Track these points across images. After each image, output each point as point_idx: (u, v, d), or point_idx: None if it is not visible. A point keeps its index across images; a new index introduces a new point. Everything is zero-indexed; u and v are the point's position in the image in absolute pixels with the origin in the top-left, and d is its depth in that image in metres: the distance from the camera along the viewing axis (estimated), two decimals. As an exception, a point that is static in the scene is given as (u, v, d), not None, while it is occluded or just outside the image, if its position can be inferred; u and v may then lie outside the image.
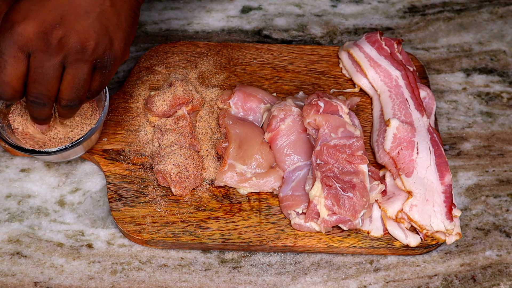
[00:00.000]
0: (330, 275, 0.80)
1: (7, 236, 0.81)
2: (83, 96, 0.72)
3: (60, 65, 0.69)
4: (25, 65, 0.69)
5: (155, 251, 0.81)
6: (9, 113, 0.83)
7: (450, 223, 0.79)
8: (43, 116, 0.73)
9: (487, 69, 1.00)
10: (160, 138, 0.85)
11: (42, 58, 0.68)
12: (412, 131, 0.84)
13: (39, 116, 0.73)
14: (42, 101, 0.71)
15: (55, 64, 0.69)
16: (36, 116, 0.73)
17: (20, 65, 0.69)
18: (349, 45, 0.94)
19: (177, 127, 0.84)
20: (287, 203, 0.80)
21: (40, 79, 0.69)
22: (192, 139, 0.84)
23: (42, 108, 0.72)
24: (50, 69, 0.69)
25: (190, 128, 0.85)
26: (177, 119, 0.85)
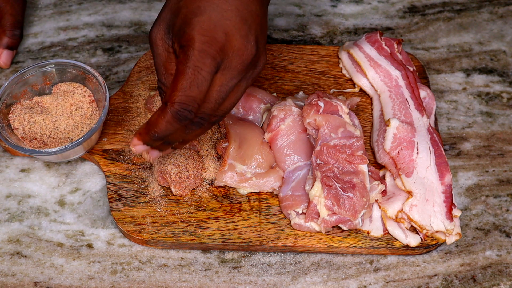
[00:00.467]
0: (330, 275, 0.80)
1: (7, 236, 0.81)
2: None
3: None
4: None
5: (155, 251, 0.81)
6: (9, 113, 0.83)
7: (450, 223, 0.79)
8: (194, 138, 0.69)
9: (487, 69, 1.00)
10: (160, 138, 0.85)
11: (230, 77, 0.65)
12: (412, 131, 0.84)
13: (191, 138, 0.69)
14: (205, 121, 0.66)
15: (235, 84, 0.66)
16: (189, 138, 0.69)
17: (209, 83, 0.65)
18: (349, 45, 0.94)
19: None
20: (287, 203, 0.80)
21: (220, 98, 0.65)
22: None
23: (201, 129, 0.67)
24: (229, 89, 0.66)
25: None
26: None
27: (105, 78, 0.95)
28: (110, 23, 1.02)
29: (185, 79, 0.63)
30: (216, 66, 0.64)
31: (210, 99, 0.65)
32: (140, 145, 0.68)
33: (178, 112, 0.63)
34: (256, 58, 0.67)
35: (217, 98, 0.65)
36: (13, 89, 0.84)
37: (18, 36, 0.94)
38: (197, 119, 0.66)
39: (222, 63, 0.64)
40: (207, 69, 0.63)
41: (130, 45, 0.99)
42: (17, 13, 0.94)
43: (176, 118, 0.64)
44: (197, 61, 0.63)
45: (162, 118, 0.64)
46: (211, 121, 0.68)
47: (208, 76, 0.63)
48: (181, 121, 0.64)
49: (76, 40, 0.99)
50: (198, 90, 0.63)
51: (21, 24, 0.95)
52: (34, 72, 0.85)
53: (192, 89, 0.63)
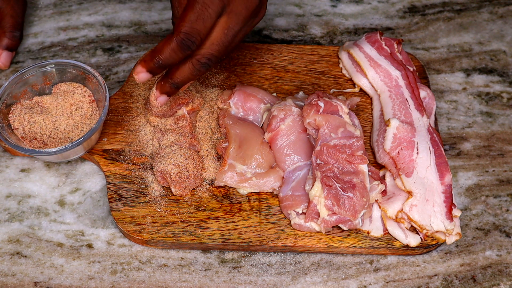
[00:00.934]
0: (330, 275, 0.80)
1: (7, 236, 0.81)
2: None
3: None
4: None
5: (155, 251, 0.81)
6: (9, 113, 0.83)
7: (450, 223, 0.79)
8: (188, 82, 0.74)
9: (487, 69, 1.00)
10: (160, 138, 0.85)
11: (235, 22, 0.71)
12: (412, 131, 0.84)
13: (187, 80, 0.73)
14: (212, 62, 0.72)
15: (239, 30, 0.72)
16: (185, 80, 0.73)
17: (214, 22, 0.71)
18: (349, 45, 0.94)
19: (177, 127, 0.84)
20: (287, 203, 0.80)
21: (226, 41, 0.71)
22: (192, 139, 0.84)
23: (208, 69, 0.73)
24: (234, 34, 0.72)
25: (190, 128, 0.85)
26: (177, 119, 0.85)
27: (105, 78, 0.95)
28: (110, 23, 1.02)
29: (193, 13, 0.69)
30: (222, 7, 0.69)
31: (218, 41, 0.71)
32: (143, 73, 0.73)
33: (183, 41, 0.69)
34: (259, 8, 0.73)
35: (224, 41, 0.71)
36: (13, 89, 0.84)
37: (17, 38, 0.94)
38: (205, 60, 0.72)
39: (228, 7, 0.70)
40: (214, 7, 0.69)
41: (130, 45, 0.99)
42: (17, 15, 0.94)
43: (180, 46, 0.69)
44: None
45: (168, 45, 0.70)
46: (215, 62, 0.73)
47: (214, 14, 0.69)
48: (184, 50, 0.70)
49: (76, 40, 1.00)
50: (203, 24, 0.69)
51: (21, 26, 0.95)
52: (34, 72, 0.85)
53: (198, 23, 0.69)
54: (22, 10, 0.96)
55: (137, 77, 0.74)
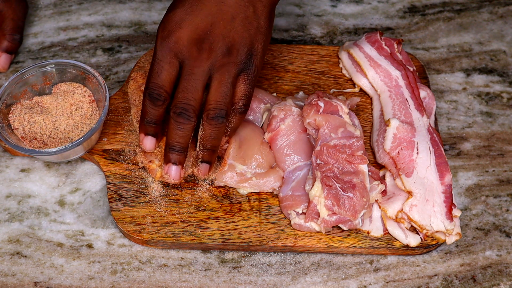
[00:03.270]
0: (330, 275, 0.80)
1: (7, 236, 0.81)
2: (228, 104, 0.75)
3: (208, 73, 0.74)
4: (177, 71, 0.75)
5: (155, 251, 0.81)
6: (9, 113, 0.83)
7: (450, 223, 0.79)
8: (185, 138, 0.76)
9: (487, 69, 1.00)
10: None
11: (193, 64, 0.73)
12: (412, 131, 0.84)
13: (180, 138, 0.75)
14: (188, 112, 0.73)
15: (204, 71, 0.74)
16: (179, 138, 0.75)
17: (173, 71, 0.74)
18: (349, 45, 0.94)
19: None
20: (287, 203, 0.80)
21: (189, 86, 0.73)
22: None
23: (187, 123, 0.74)
24: (199, 76, 0.74)
25: None
26: None
27: (105, 78, 0.95)
28: (110, 23, 1.02)
29: (151, 70, 0.75)
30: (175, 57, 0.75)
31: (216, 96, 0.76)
32: (144, 138, 0.79)
33: (150, 94, 0.75)
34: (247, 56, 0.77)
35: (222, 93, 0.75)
36: (13, 89, 0.84)
37: (17, 41, 0.94)
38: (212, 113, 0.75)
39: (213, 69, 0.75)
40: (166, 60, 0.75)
41: (130, 45, 0.99)
42: (18, 18, 0.95)
43: (149, 99, 0.75)
44: (157, 54, 0.75)
45: (144, 103, 0.76)
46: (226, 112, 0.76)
47: (167, 66, 0.74)
48: (154, 102, 0.75)
49: (76, 40, 1.00)
50: (159, 78, 0.74)
51: (21, 29, 0.95)
52: (34, 72, 0.85)
53: (154, 77, 0.75)
54: (23, 14, 0.96)
55: (143, 146, 0.80)
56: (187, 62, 0.74)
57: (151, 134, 0.79)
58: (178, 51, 0.73)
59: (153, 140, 0.79)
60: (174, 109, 0.74)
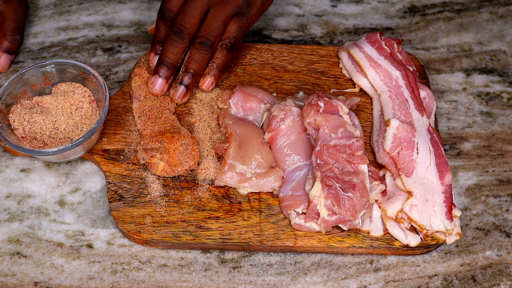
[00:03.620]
0: (330, 275, 0.80)
1: (7, 236, 0.81)
2: (216, 37, 0.85)
3: (207, 4, 0.85)
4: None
5: (155, 251, 0.81)
6: (9, 113, 0.83)
7: (450, 223, 0.79)
8: (174, 55, 0.85)
9: (487, 69, 1.00)
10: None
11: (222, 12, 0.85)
12: (412, 131, 0.84)
13: (170, 54, 0.85)
14: (183, 32, 0.84)
15: (204, 1, 0.85)
16: (168, 54, 0.85)
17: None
18: (349, 45, 0.94)
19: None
20: (287, 203, 0.80)
21: (188, 11, 0.84)
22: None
23: (179, 42, 0.84)
24: (198, 4, 0.85)
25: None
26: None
27: (105, 78, 0.95)
28: (110, 23, 1.02)
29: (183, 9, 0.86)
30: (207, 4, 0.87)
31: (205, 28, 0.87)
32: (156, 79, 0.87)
33: (162, 15, 0.88)
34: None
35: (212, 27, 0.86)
36: (13, 89, 0.84)
37: (18, 41, 0.94)
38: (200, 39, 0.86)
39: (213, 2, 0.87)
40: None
41: (130, 45, 0.99)
42: (19, 19, 0.95)
43: (161, 19, 0.88)
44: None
45: (156, 26, 0.89)
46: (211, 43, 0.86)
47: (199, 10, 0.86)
48: (164, 22, 0.87)
49: (76, 40, 1.00)
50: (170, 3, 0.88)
51: (22, 30, 0.96)
52: (34, 72, 0.85)
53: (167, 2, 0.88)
54: (24, 14, 0.96)
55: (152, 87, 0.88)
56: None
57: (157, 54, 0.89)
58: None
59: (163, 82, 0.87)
60: (172, 28, 0.84)
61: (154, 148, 0.82)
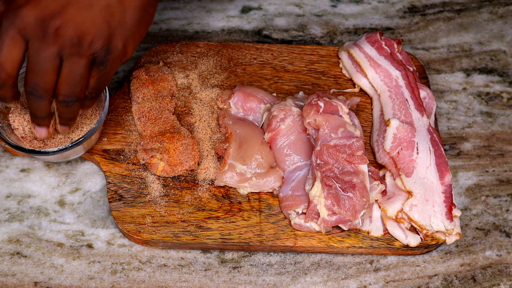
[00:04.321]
0: (330, 275, 0.80)
1: (7, 236, 0.81)
2: (79, 92, 0.70)
3: (57, 57, 0.67)
4: (22, 50, 0.67)
5: (155, 251, 0.81)
6: (9, 113, 0.83)
7: (450, 223, 0.79)
8: (41, 111, 0.71)
9: (487, 69, 1.00)
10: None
11: (38, 46, 0.67)
12: (412, 131, 0.84)
13: (37, 111, 0.71)
14: (39, 92, 0.68)
15: (51, 55, 0.67)
16: (35, 111, 0.71)
17: (16, 49, 0.67)
18: (349, 45, 0.94)
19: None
20: (287, 203, 0.80)
21: (36, 68, 0.67)
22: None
23: (40, 101, 0.70)
24: (46, 59, 0.67)
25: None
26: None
27: (105, 78, 0.95)
28: (110, 23, 1.02)
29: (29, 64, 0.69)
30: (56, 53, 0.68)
31: (63, 82, 0.69)
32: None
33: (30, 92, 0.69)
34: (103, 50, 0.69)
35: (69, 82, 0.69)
36: (13, 89, 0.83)
37: None
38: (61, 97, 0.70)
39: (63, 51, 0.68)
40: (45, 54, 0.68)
41: (130, 45, 0.99)
42: None
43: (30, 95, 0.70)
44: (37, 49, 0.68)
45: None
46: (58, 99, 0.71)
47: (8, 41, 0.67)
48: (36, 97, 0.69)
49: (76, 40, 0.99)
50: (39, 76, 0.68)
51: None
52: (34, 72, 0.85)
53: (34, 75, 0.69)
54: None
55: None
56: (32, 43, 0.67)
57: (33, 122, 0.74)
58: (22, 28, 0.66)
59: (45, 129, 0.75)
60: (26, 87, 0.69)
61: (154, 148, 0.82)
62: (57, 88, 0.69)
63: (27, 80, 0.69)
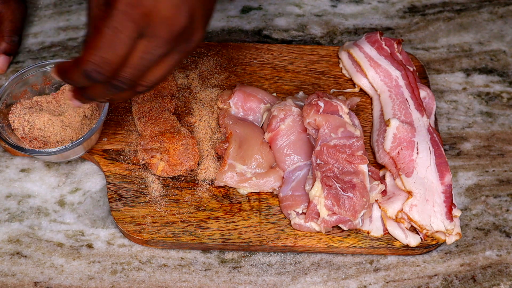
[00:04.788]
0: (330, 275, 0.80)
1: (7, 236, 0.81)
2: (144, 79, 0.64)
3: (134, 38, 0.60)
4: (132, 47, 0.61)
5: (155, 251, 0.81)
6: (9, 113, 0.83)
7: (450, 223, 0.79)
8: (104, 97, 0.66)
9: (487, 69, 1.00)
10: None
11: (155, 45, 0.61)
12: (412, 131, 0.84)
13: (101, 97, 0.66)
14: (104, 70, 0.61)
15: (162, 54, 0.62)
16: (99, 96, 0.65)
17: (129, 48, 0.61)
18: (349, 45, 0.94)
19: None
20: (287, 203, 0.80)
21: (142, 66, 0.62)
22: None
23: (116, 93, 0.64)
24: (154, 58, 0.62)
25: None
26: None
27: (105, 78, 0.95)
28: (110, 23, 1.02)
29: (101, 39, 0.59)
30: (137, 31, 0.60)
31: (132, 64, 0.62)
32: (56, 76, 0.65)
33: (87, 71, 0.60)
34: (188, 32, 0.63)
35: (138, 65, 0.62)
36: (13, 89, 0.83)
37: (16, 43, 0.94)
38: (117, 82, 0.62)
39: (146, 29, 0.60)
40: (127, 32, 0.59)
41: (130, 45, 0.99)
42: (17, 20, 0.94)
43: (85, 76, 0.61)
44: (117, 23, 0.59)
45: (74, 71, 0.62)
46: (136, 89, 0.64)
47: (127, 40, 0.60)
48: (90, 80, 0.61)
49: (76, 40, 0.99)
50: (113, 53, 0.60)
51: (20, 31, 0.95)
52: (34, 72, 0.85)
53: (107, 51, 0.60)
54: (22, 15, 0.96)
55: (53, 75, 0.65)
56: (149, 40, 0.61)
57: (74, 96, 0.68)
58: (145, 25, 0.60)
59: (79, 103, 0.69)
60: (112, 79, 0.62)
61: (154, 148, 0.82)
62: (123, 70, 0.62)
63: (122, 74, 0.62)
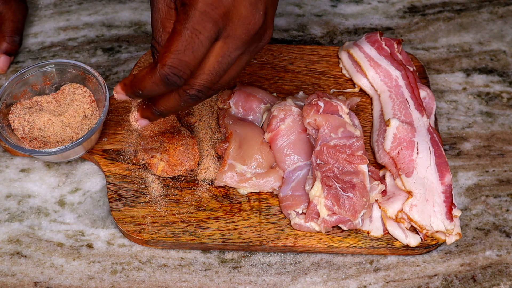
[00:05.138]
0: (330, 275, 0.80)
1: (7, 236, 0.81)
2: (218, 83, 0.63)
3: (213, 40, 0.59)
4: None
5: (155, 251, 0.81)
6: (9, 113, 0.83)
7: (450, 223, 0.79)
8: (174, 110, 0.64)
9: (487, 69, 1.00)
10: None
11: (233, 47, 0.60)
12: (412, 131, 0.84)
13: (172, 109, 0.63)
14: (200, 99, 0.61)
15: (238, 56, 0.61)
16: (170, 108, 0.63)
17: (207, 50, 0.59)
18: (349, 45, 0.94)
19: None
20: (287, 203, 0.80)
21: (221, 70, 0.60)
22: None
23: (190, 104, 0.63)
24: (231, 61, 0.60)
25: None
26: None
27: (105, 78, 0.95)
28: (110, 23, 1.02)
29: (180, 41, 0.58)
30: (217, 32, 0.58)
31: (211, 70, 0.60)
32: (122, 94, 0.64)
33: (168, 76, 0.59)
34: (263, 30, 0.62)
35: (218, 70, 0.60)
36: (13, 89, 0.84)
37: (17, 43, 0.94)
38: (193, 91, 0.61)
39: (224, 30, 0.59)
40: (206, 33, 0.58)
41: (130, 45, 0.99)
42: (18, 20, 0.94)
43: (164, 81, 0.59)
44: (196, 23, 0.57)
45: (149, 78, 0.60)
46: (208, 94, 0.63)
47: (207, 42, 0.58)
48: (169, 85, 0.59)
49: (76, 40, 1.00)
50: (193, 55, 0.58)
51: (21, 31, 0.96)
52: (34, 72, 0.85)
53: (186, 53, 0.58)
54: (23, 16, 0.96)
55: (116, 96, 0.64)
56: (227, 42, 0.59)
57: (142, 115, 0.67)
58: (224, 26, 0.58)
59: (146, 122, 0.68)
60: (189, 89, 0.61)
61: (154, 148, 0.82)
62: (199, 76, 0.60)
63: (197, 82, 0.60)
